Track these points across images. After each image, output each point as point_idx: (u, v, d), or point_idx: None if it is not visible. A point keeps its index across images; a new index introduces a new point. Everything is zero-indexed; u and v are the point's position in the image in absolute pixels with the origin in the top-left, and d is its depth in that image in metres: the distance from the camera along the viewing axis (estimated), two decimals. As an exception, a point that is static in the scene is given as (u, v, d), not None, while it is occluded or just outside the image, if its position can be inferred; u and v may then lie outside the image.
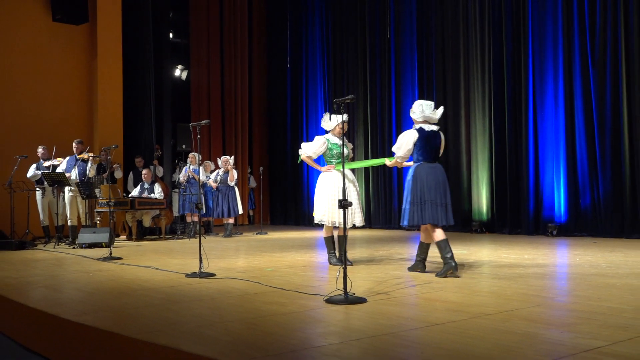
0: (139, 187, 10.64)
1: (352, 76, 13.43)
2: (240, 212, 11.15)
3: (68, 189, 9.28)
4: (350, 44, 13.53)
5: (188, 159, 11.28)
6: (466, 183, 10.99)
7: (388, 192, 12.50)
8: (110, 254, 7.00)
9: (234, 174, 10.88)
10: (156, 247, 8.71)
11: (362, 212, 5.93)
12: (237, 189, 11.09)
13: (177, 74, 14.55)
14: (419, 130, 5.17)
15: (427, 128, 5.17)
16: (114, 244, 8.27)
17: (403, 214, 5.18)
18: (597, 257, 6.41)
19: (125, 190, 11.38)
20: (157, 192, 10.47)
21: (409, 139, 5.16)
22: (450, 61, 11.36)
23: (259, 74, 15.86)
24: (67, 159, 9.54)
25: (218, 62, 14.83)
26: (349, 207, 4.25)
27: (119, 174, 10.66)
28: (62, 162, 9.51)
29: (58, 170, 9.30)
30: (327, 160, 5.98)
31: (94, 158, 9.53)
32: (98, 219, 10.06)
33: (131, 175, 11.50)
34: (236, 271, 5.59)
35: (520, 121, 10.19)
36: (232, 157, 11.15)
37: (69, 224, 9.36)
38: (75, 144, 9.58)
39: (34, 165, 9.70)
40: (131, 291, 4.54)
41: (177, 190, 11.64)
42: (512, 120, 10.34)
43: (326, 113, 6.01)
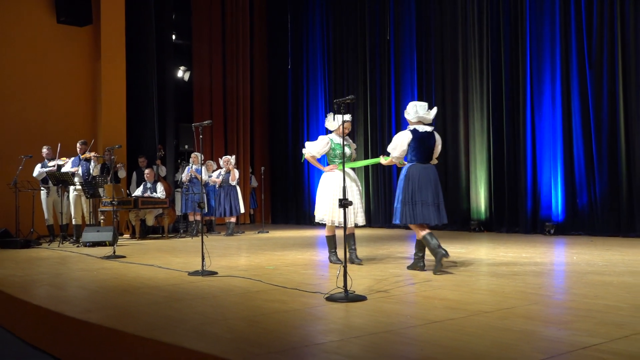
0: (141, 186, 10.69)
1: (352, 76, 13.47)
2: (242, 211, 11.19)
3: (72, 188, 9.36)
4: (350, 44, 13.58)
5: (190, 159, 11.34)
6: (464, 182, 11.01)
7: (388, 191, 12.53)
8: (114, 253, 7.03)
9: (235, 174, 10.92)
10: (159, 246, 8.75)
11: (364, 211, 5.95)
12: (239, 188, 11.15)
13: (179, 75, 14.61)
14: (413, 131, 5.22)
15: (421, 129, 5.23)
16: (118, 242, 8.30)
17: (395, 212, 5.25)
18: (594, 255, 6.44)
19: (128, 190, 11.44)
20: (160, 191, 10.52)
21: (404, 140, 5.23)
22: (449, 62, 11.40)
23: (260, 74, 15.91)
24: (71, 159, 9.61)
25: (220, 63, 14.89)
26: (349, 207, 4.29)
27: (122, 174, 10.73)
28: (66, 162, 9.59)
29: (63, 170, 9.37)
30: (330, 160, 5.96)
31: (98, 158, 9.59)
32: (102, 218, 10.13)
33: (134, 175, 11.55)
34: (238, 269, 5.61)
35: (518, 121, 10.23)
36: (233, 157, 11.19)
37: (74, 222, 9.45)
38: (79, 144, 9.67)
39: (39, 164, 9.79)
40: (134, 289, 4.56)
41: (179, 189, 11.68)
42: (510, 120, 10.38)
43: (330, 113, 5.96)
